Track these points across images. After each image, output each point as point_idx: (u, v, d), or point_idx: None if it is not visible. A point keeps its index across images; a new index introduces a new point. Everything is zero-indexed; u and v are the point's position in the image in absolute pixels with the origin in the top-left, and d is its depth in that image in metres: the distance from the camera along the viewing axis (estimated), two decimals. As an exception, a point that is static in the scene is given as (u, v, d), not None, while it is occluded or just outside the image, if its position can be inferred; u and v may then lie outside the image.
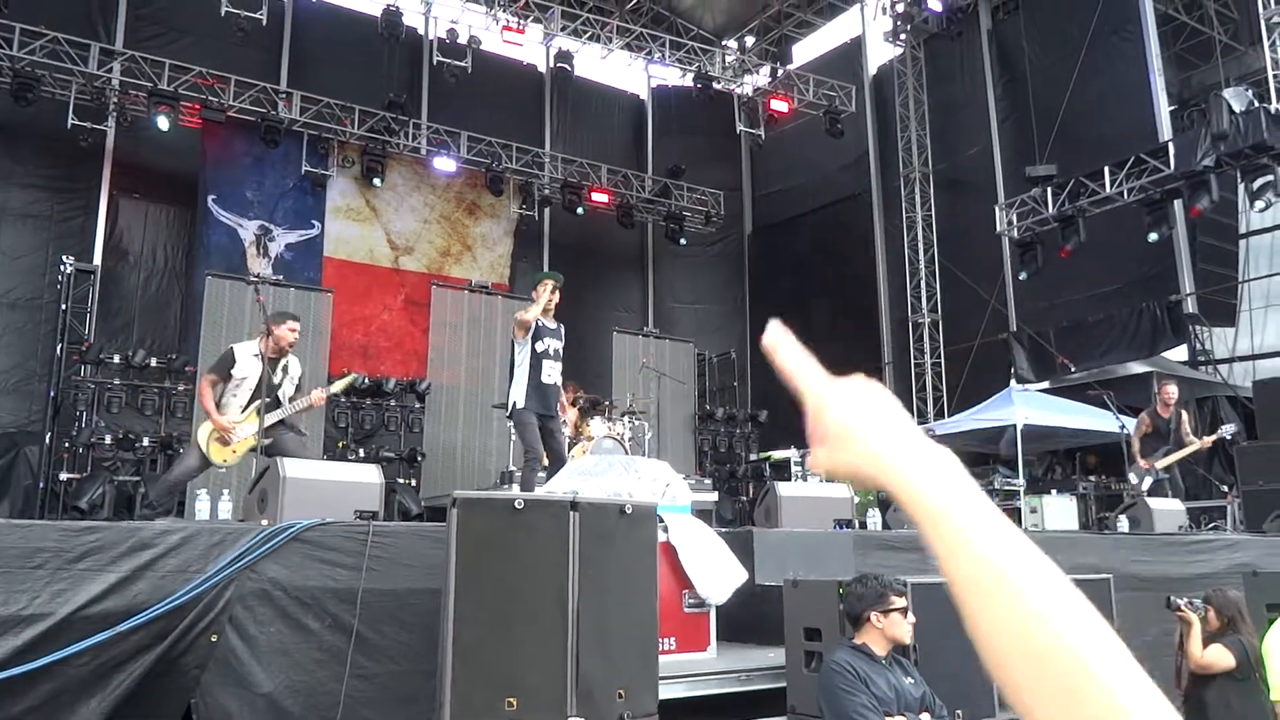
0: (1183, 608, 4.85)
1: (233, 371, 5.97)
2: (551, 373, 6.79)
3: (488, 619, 3.29)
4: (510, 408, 6.84)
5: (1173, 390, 9.53)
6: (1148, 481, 9.33)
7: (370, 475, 4.85)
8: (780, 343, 0.84)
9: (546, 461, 6.67)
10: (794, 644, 4.16)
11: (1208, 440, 9.51)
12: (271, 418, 5.94)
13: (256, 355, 6.05)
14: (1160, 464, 9.34)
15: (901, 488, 0.75)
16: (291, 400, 6.12)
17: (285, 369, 6.10)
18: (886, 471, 0.76)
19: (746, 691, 4.37)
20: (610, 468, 5.01)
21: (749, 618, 5.15)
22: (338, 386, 6.57)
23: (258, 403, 5.94)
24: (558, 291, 6.96)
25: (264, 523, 4.31)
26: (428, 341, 13.85)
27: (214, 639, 3.90)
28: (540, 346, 6.80)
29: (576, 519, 3.44)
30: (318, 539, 4.17)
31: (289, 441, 5.99)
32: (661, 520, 4.40)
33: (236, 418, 5.90)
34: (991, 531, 0.70)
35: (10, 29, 12.60)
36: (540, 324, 6.86)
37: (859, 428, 0.78)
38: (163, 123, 13.44)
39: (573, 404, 9.45)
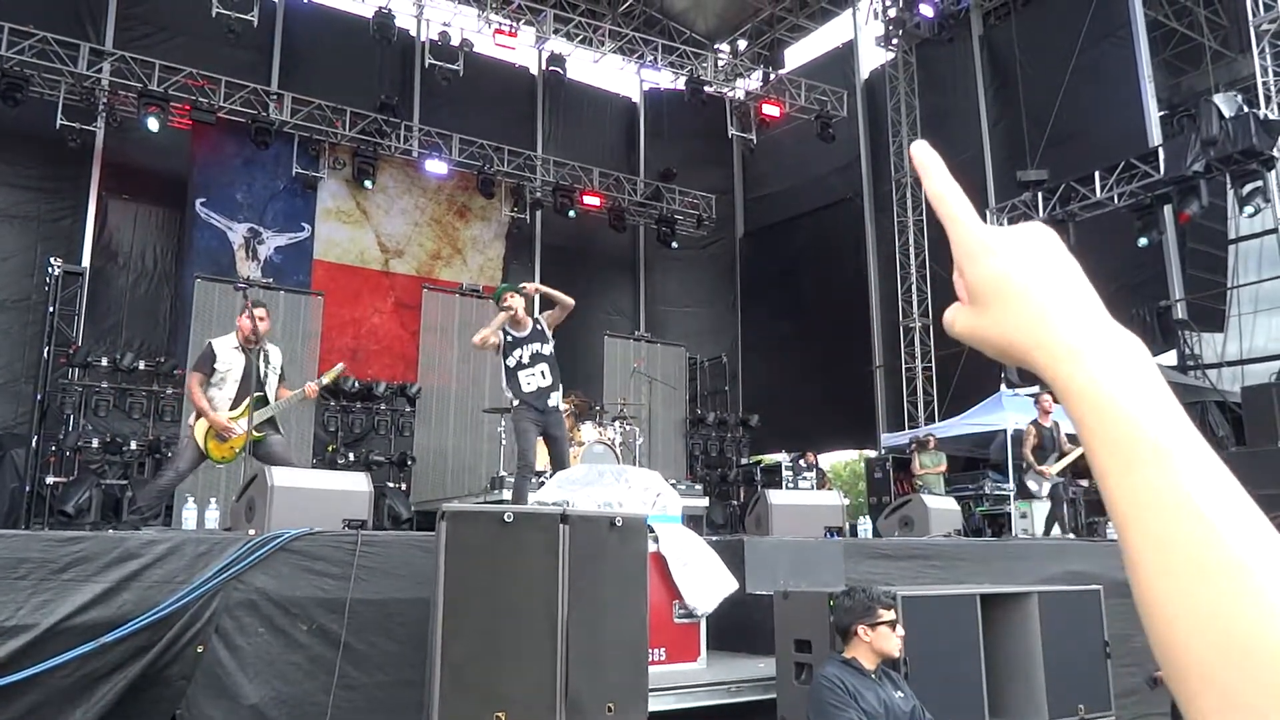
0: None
1: (215, 365, 5.95)
2: (531, 380, 6.62)
3: (476, 632, 3.27)
4: (510, 405, 6.74)
5: (1048, 399, 9.80)
6: (1046, 487, 9.61)
7: (359, 483, 4.82)
8: (933, 163, 0.64)
9: (540, 467, 6.64)
10: (784, 655, 4.15)
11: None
12: (266, 413, 5.91)
13: (236, 348, 6.03)
14: (1053, 470, 9.65)
15: (1083, 391, 0.53)
16: (277, 392, 6.09)
17: (266, 358, 6.07)
18: (1062, 357, 0.55)
19: (736, 703, 4.36)
20: (601, 477, 4.99)
21: (740, 626, 5.14)
22: (328, 377, 6.53)
23: (254, 396, 5.91)
24: (515, 296, 6.73)
25: (251, 532, 4.28)
26: (417, 345, 13.82)
27: (200, 650, 3.87)
28: (511, 361, 6.64)
29: (566, 532, 3.42)
30: (306, 548, 4.14)
31: (275, 444, 5.95)
32: (652, 530, 4.39)
33: (227, 413, 5.85)
34: (1227, 493, 0.48)
35: (-1, 28, 12.54)
36: (511, 337, 6.70)
37: (1030, 285, 0.58)
38: (152, 124, 13.36)
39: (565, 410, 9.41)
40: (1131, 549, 0.50)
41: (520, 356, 6.64)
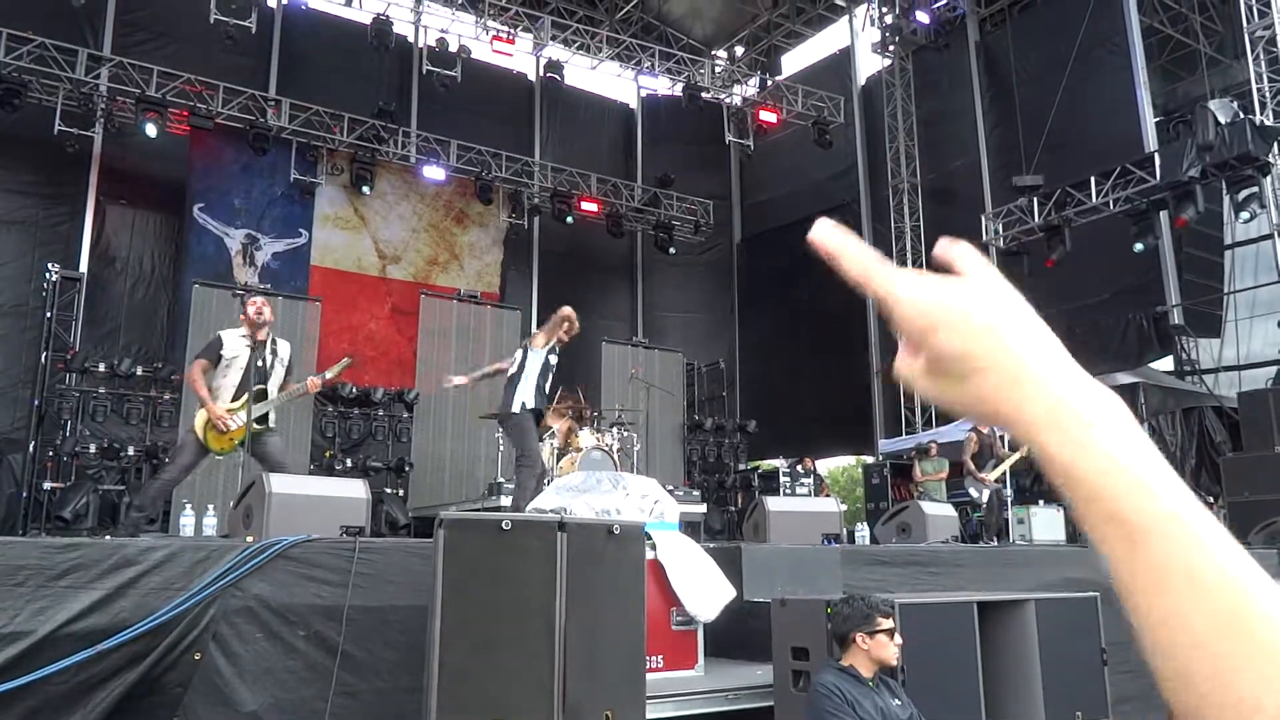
0: None
1: (222, 353, 5.89)
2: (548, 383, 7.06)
3: (474, 640, 3.27)
4: (520, 407, 6.83)
5: None
6: (986, 494, 9.75)
7: (357, 490, 4.82)
8: (841, 244, 0.60)
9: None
10: (782, 663, 4.15)
11: (1022, 451, 10.00)
12: (265, 406, 5.88)
13: (244, 337, 5.99)
14: (991, 476, 9.82)
15: (1071, 464, 0.49)
16: (282, 385, 6.06)
17: (274, 350, 6.04)
18: (1042, 427, 0.51)
19: (734, 710, 4.36)
20: (599, 484, 4.99)
21: (738, 633, 5.14)
22: (333, 372, 6.44)
23: (256, 389, 5.87)
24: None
25: (249, 539, 4.28)
26: (414, 351, 13.80)
27: (197, 657, 3.87)
28: (553, 358, 7.01)
29: (564, 539, 3.42)
30: (303, 555, 4.13)
31: (273, 444, 5.91)
32: (649, 537, 4.39)
33: (228, 404, 5.81)
34: (1234, 554, 0.46)
35: (-3, 34, 12.55)
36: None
37: (996, 358, 0.54)
38: (150, 129, 13.38)
39: (562, 415, 9.45)
40: (1148, 622, 0.48)
41: (556, 361, 7.06)
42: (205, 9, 12.87)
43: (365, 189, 15.64)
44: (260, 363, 5.93)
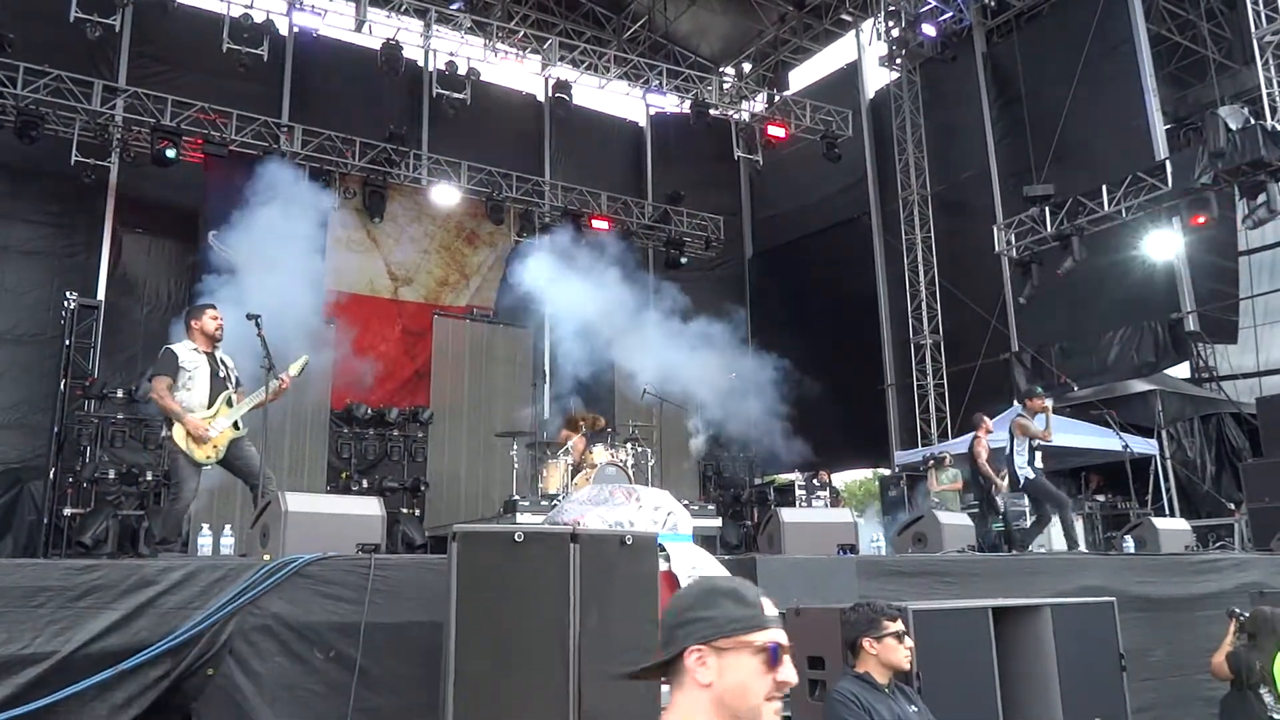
0: (1235, 615, 5.27)
1: (181, 365, 5.88)
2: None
3: (489, 653, 3.29)
4: (1023, 480, 9.29)
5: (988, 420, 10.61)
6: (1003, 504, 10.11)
7: (372, 508, 4.84)
8: None
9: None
10: (797, 672, 4.14)
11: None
12: (238, 411, 5.93)
13: (195, 350, 6.01)
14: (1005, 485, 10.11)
15: None
16: (238, 390, 6.08)
17: (223, 362, 6.09)
18: None
19: (751, 721, 4.34)
20: (611, 496, 5.01)
21: (753, 645, 5.12)
22: (294, 369, 6.23)
23: (225, 394, 5.92)
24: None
25: (266, 557, 4.31)
26: (423, 371, 13.81)
27: (210, 673, 3.89)
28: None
29: (577, 551, 3.44)
30: (320, 573, 4.16)
31: (250, 452, 5.94)
32: (663, 549, 4.40)
33: (203, 413, 5.81)
34: None
35: (14, 68, 12.73)
36: None
37: None
38: (166, 157, 13.53)
39: (576, 429, 9.51)
40: None
41: None
42: (218, 38, 13.04)
43: (377, 216, 15.77)
44: (220, 373, 6.01)
